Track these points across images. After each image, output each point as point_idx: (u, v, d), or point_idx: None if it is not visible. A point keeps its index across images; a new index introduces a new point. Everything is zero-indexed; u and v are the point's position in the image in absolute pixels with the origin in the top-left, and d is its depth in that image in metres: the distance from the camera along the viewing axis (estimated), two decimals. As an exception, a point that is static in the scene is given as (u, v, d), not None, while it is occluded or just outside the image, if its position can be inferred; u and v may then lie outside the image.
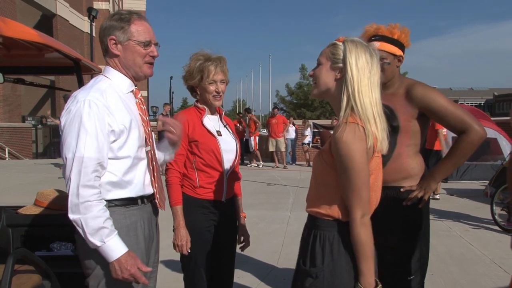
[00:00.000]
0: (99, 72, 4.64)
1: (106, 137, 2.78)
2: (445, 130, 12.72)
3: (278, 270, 6.91)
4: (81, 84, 4.03)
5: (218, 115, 4.10)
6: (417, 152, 3.72)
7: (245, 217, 4.26)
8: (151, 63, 3.06)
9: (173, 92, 35.23)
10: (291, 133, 24.27)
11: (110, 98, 2.86)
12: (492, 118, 19.71)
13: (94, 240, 2.66)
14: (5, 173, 19.10)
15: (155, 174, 3.10)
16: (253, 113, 25.92)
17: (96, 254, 2.75)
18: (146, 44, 2.97)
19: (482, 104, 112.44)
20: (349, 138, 2.52)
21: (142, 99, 3.14)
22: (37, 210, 4.11)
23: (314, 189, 2.80)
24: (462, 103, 23.31)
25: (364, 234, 2.55)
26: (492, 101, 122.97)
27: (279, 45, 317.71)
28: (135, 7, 71.54)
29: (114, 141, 2.83)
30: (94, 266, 2.84)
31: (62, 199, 4.17)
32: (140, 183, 3.00)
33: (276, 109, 25.08)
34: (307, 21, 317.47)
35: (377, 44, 3.61)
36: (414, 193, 3.61)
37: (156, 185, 3.10)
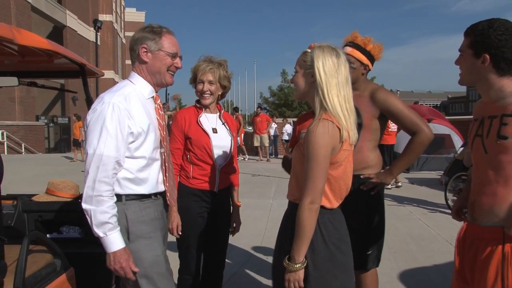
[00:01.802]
0: (102, 75, 4.66)
1: (125, 138, 2.77)
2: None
3: (262, 250, 6.93)
4: (86, 86, 4.05)
5: (217, 113, 4.04)
6: (376, 146, 3.82)
7: (239, 206, 4.23)
8: (173, 73, 3.06)
9: (168, 94, 35.00)
10: (274, 130, 24.29)
11: (133, 103, 2.84)
12: (447, 117, 19.77)
13: (98, 231, 2.67)
14: (21, 166, 18.92)
15: (167, 174, 3.07)
16: (239, 112, 25.77)
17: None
18: (173, 56, 2.99)
19: (438, 105, 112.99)
20: (318, 132, 2.54)
21: (161, 105, 3.12)
22: (48, 198, 4.10)
23: (293, 178, 2.81)
24: (422, 104, 23.38)
25: (306, 218, 2.55)
26: (446, 102, 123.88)
27: (263, 52, 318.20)
28: (136, 19, 71.40)
29: (132, 142, 2.82)
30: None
31: (70, 188, 4.18)
32: (153, 181, 2.98)
33: (259, 109, 24.98)
34: (288, 31, 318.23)
35: (349, 49, 3.72)
36: (371, 181, 3.70)
37: (168, 184, 3.08)
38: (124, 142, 2.76)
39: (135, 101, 2.88)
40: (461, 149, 12.32)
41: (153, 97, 3.06)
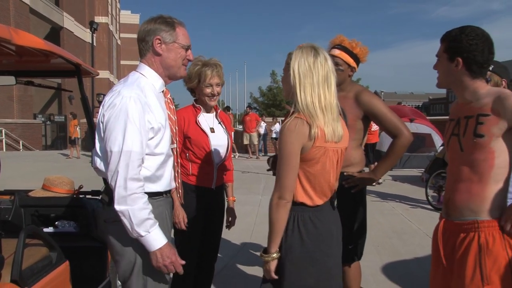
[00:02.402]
0: (97, 75, 4.58)
1: (146, 133, 2.57)
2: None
3: (251, 244, 6.96)
4: (81, 85, 4.00)
5: (214, 113, 4.03)
6: (359, 145, 3.85)
7: (234, 201, 4.24)
8: (186, 65, 2.88)
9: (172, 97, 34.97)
10: (263, 128, 24.32)
11: (149, 96, 2.65)
12: (428, 118, 19.87)
13: (140, 230, 2.47)
14: (19, 162, 18.84)
15: (178, 170, 3.02)
16: (231, 111, 25.81)
17: (134, 243, 2.58)
18: (187, 48, 2.81)
19: (420, 106, 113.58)
20: (286, 130, 2.54)
21: (171, 99, 2.98)
22: (44, 194, 4.09)
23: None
24: (405, 105, 23.55)
25: (274, 213, 2.57)
26: (428, 103, 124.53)
27: (253, 54, 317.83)
28: (130, 21, 71.19)
29: (152, 138, 2.63)
30: (124, 251, 2.65)
31: (65, 184, 4.16)
32: (168, 178, 2.81)
33: (249, 108, 25.05)
34: (277, 34, 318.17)
35: (337, 52, 3.73)
36: (354, 179, 3.72)
37: (179, 180, 3.03)
38: (146, 138, 2.57)
39: (151, 95, 2.68)
40: (441, 147, 12.36)
41: (163, 91, 2.88)
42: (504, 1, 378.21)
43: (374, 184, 12.71)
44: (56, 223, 4.02)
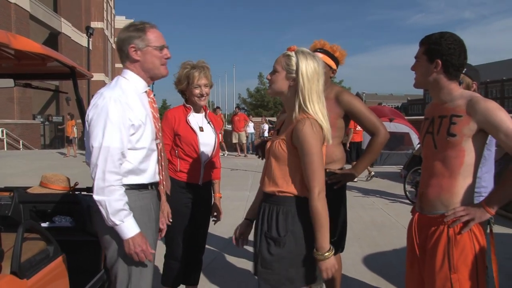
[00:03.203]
0: (91, 77, 4.59)
1: (127, 130, 2.68)
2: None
3: (239, 237, 6.93)
4: (76, 87, 3.99)
5: (203, 113, 4.05)
6: (340, 143, 3.88)
7: (220, 197, 4.24)
8: (165, 64, 2.93)
9: (154, 95, 34.88)
10: (251, 128, 24.34)
11: (130, 96, 2.75)
12: (406, 117, 20.01)
13: (114, 219, 2.58)
14: (19, 161, 18.78)
15: (162, 163, 3.02)
16: (220, 111, 25.83)
17: (113, 232, 2.69)
18: (161, 48, 2.85)
19: (399, 106, 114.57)
20: (310, 130, 2.54)
21: (154, 99, 3.02)
22: (42, 190, 4.07)
23: (275, 172, 2.75)
24: (385, 105, 23.64)
25: (320, 206, 2.55)
26: (406, 104, 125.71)
27: (241, 57, 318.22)
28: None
29: (133, 134, 2.72)
30: (110, 240, 2.76)
31: (62, 181, 4.14)
32: (152, 171, 2.90)
33: (238, 108, 25.09)
34: (263, 38, 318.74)
35: (320, 55, 3.74)
36: (336, 175, 3.74)
37: (163, 173, 3.04)
38: (126, 134, 2.68)
39: (132, 95, 2.79)
40: (419, 145, 12.46)
41: (146, 91, 2.95)
42: (474, 11, 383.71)
43: (357, 180, 12.84)
44: (53, 218, 4.00)
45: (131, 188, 2.76)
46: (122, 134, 2.65)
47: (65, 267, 3.22)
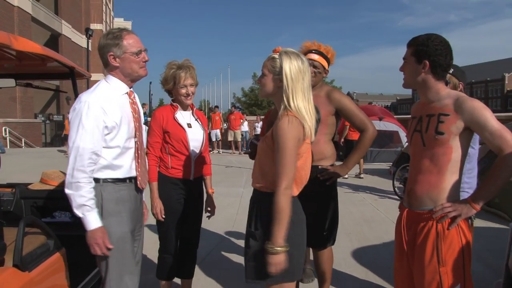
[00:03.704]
0: (89, 77, 4.63)
1: (101, 131, 2.80)
2: None
3: (233, 233, 6.96)
4: (75, 86, 4.01)
5: (190, 111, 4.05)
6: (330, 140, 3.90)
7: (213, 193, 4.22)
8: (144, 66, 3.02)
9: (152, 94, 34.78)
10: (245, 126, 24.32)
11: (107, 100, 2.85)
12: (395, 116, 20.03)
13: (77, 212, 2.77)
14: (21, 158, 18.72)
15: (139, 160, 3.06)
16: (219, 110, 25.79)
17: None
18: (138, 53, 2.94)
19: (388, 106, 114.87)
20: (286, 126, 2.54)
21: (134, 99, 3.09)
22: (42, 186, 4.08)
23: (258, 168, 2.80)
24: (375, 104, 23.61)
25: (283, 202, 2.52)
26: (396, 103, 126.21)
27: (236, 57, 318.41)
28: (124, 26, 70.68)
29: (107, 134, 2.84)
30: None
31: (61, 178, 4.14)
32: (127, 167, 3.00)
33: (234, 107, 25.07)
34: (258, 40, 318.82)
35: (316, 57, 3.79)
36: (328, 171, 3.76)
37: (139, 169, 3.07)
38: (100, 135, 2.81)
39: (110, 98, 2.89)
40: (407, 143, 12.49)
41: (127, 93, 3.03)
42: (458, 14, 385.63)
43: (347, 176, 12.87)
44: (54, 213, 4.01)
45: (108, 181, 2.92)
46: (94, 136, 2.78)
47: (65, 261, 3.23)
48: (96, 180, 2.86)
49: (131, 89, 3.10)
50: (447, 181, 2.58)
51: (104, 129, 2.82)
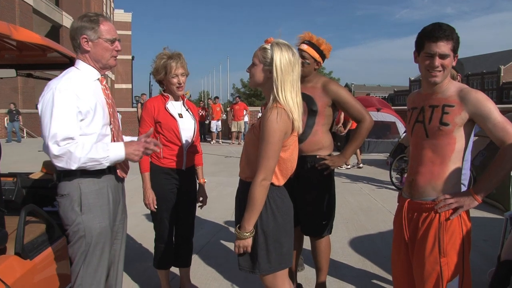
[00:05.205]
0: None
1: (75, 116, 2.63)
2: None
3: (231, 223, 6.90)
4: None
5: (181, 101, 4.02)
6: (328, 130, 3.89)
7: (204, 183, 4.22)
8: (115, 56, 2.92)
9: (152, 85, 34.76)
10: (246, 118, 24.28)
11: (79, 85, 2.71)
12: (393, 107, 20.02)
13: (102, 163, 2.70)
14: (23, 148, 18.77)
15: None
16: (220, 101, 25.70)
17: (77, 216, 2.74)
18: (113, 41, 2.84)
19: (386, 97, 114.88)
20: (273, 118, 2.53)
21: (107, 85, 2.98)
22: (43, 176, 4.09)
23: (245, 158, 2.80)
24: (373, 96, 23.52)
25: (258, 193, 2.56)
26: (393, 95, 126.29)
27: (235, 49, 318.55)
28: (124, 19, 70.24)
29: (82, 120, 2.68)
30: (71, 222, 2.77)
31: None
32: None
33: (238, 98, 24.97)
34: (256, 32, 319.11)
35: (305, 47, 3.75)
36: (325, 161, 3.75)
37: None
38: (75, 121, 2.63)
39: (81, 84, 2.74)
40: (404, 134, 12.49)
41: (98, 79, 2.90)
42: (455, 7, 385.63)
43: (346, 167, 12.89)
44: (54, 202, 4.01)
45: (85, 173, 2.74)
46: (70, 121, 2.61)
47: (66, 249, 3.22)
48: (74, 173, 2.71)
49: (103, 76, 2.98)
50: (449, 171, 2.57)
51: (78, 114, 2.66)
